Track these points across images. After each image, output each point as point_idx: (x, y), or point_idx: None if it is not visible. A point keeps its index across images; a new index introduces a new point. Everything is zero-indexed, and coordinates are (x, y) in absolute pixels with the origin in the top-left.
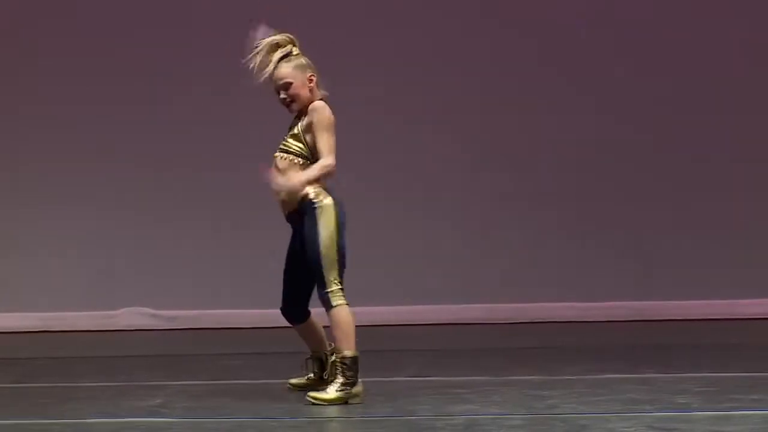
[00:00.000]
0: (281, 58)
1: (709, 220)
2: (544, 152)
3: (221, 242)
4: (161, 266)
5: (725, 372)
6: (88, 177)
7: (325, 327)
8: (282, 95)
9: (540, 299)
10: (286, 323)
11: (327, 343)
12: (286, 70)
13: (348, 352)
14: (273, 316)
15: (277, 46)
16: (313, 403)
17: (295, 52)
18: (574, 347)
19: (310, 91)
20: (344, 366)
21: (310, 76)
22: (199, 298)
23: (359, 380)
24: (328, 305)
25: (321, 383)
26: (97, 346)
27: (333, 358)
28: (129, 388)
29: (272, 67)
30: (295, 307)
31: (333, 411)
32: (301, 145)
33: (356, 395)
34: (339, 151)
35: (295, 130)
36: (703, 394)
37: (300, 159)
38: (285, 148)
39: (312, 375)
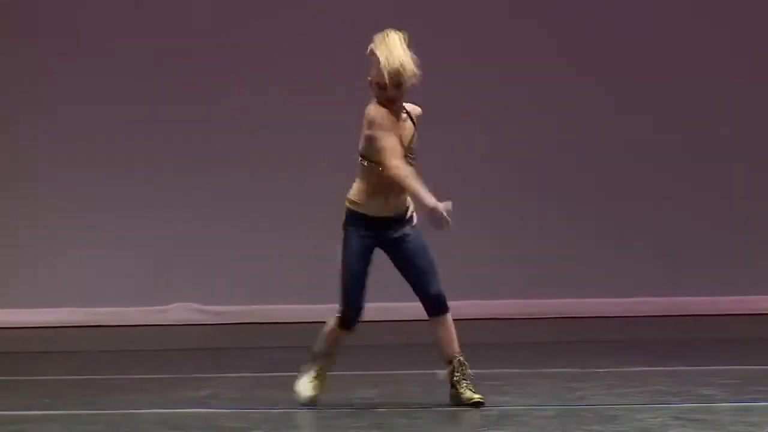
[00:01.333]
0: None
1: (734, 219)
2: (580, 154)
3: (265, 241)
4: (209, 264)
5: (749, 365)
6: (141, 181)
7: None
8: (398, 92)
9: (572, 295)
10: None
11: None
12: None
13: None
14: (316, 311)
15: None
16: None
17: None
18: (604, 341)
19: None
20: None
21: None
22: (244, 294)
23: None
24: (445, 306)
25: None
26: (148, 340)
27: (460, 357)
28: (178, 380)
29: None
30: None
31: (374, 402)
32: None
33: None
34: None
35: (414, 136)
36: (727, 386)
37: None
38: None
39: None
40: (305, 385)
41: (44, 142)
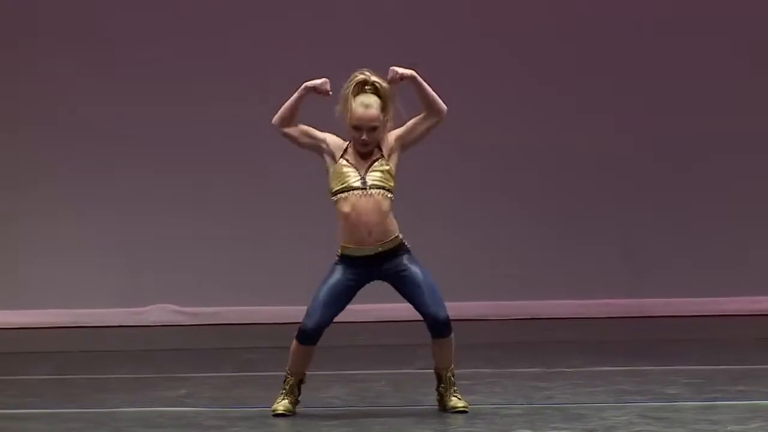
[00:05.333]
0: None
1: (697, 220)
2: (544, 157)
3: (242, 243)
4: (185, 266)
5: (712, 365)
6: (120, 183)
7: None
8: (367, 136)
9: (539, 297)
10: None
11: None
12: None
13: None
14: (290, 312)
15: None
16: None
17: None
18: (570, 342)
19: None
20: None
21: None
22: (221, 296)
23: None
24: (449, 329)
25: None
26: (127, 341)
27: (448, 373)
28: (157, 379)
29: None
30: (324, 330)
31: (346, 402)
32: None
33: None
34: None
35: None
36: (691, 386)
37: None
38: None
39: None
40: (277, 402)
41: (23, 144)
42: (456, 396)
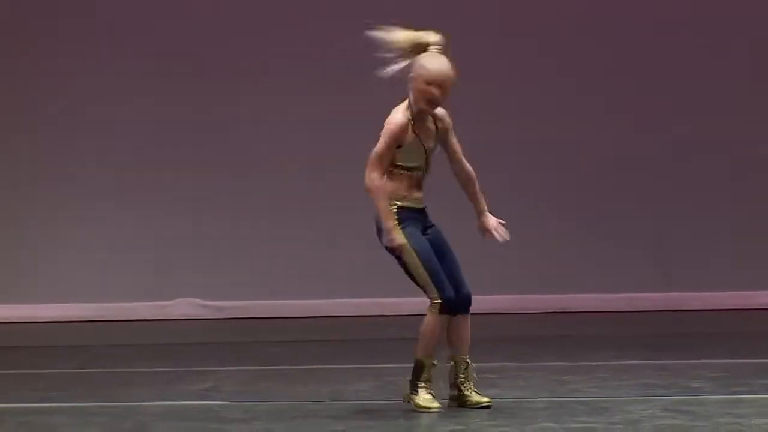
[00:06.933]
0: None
1: (726, 216)
2: (574, 156)
3: (265, 237)
4: (210, 260)
5: (737, 359)
6: (145, 179)
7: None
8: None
9: (565, 291)
10: (328, 312)
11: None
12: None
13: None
14: (314, 306)
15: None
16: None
17: None
18: (596, 336)
19: None
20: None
21: None
22: (245, 290)
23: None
24: (470, 305)
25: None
26: (151, 335)
27: (468, 358)
28: (181, 373)
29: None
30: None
31: (373, 395)
32: None
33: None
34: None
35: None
36: (716, 380)
37: None
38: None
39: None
40: (427, 400)
41: (47, 141)
42: (476, 391)
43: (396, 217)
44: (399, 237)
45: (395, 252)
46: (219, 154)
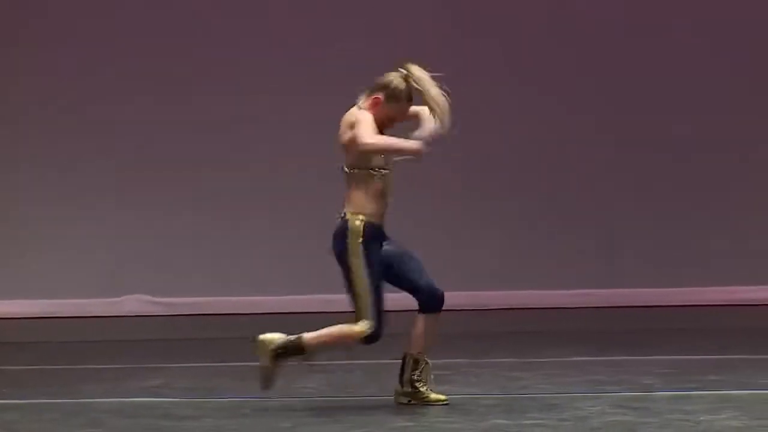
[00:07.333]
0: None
1: (675, 212)
2: (524, 152)
3: (215, 234)
4: (160, 257)
5: (686, 355)
6: (98, 176)
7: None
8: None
9: (515, 287)
10: (280, 309)
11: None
12: None
13: None
14: (264, 302)
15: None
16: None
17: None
18: (545, 332)
19: None
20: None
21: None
22: (195, 287)
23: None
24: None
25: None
26: (103, 331)
27: (425, 356)
28: (132, 370)
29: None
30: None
31: (322, 392)
32: None
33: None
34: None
35: None
36: (665, 376)
37: None
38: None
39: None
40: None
41: (5, 138)
42: (432, 389)
43: (361, 231)
44: (414, 143)
45: (344, 265)
46: (171, 153)
